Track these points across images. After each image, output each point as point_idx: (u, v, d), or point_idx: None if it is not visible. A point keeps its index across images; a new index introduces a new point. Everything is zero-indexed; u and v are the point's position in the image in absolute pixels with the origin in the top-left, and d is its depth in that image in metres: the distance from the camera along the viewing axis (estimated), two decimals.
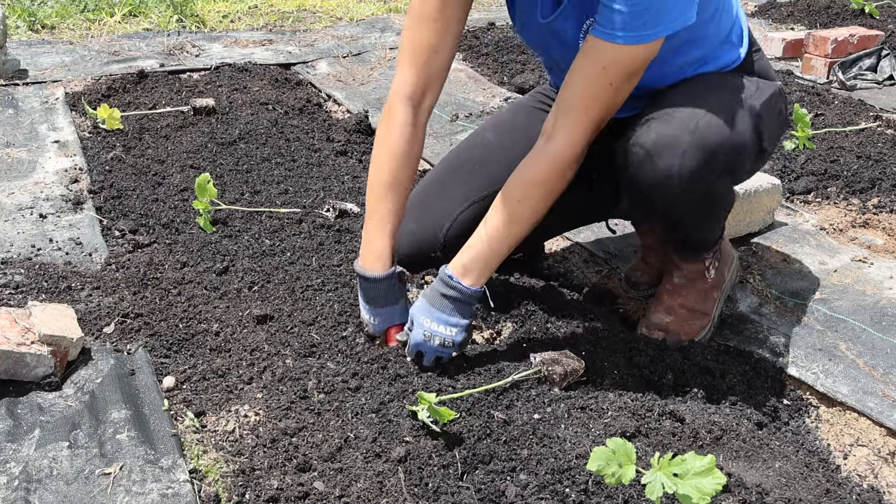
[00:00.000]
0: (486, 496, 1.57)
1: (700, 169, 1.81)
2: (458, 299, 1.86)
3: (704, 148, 1.80)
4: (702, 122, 1.81)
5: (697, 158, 1.80)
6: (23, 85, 3.87)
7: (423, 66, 1.92)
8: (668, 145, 1.80)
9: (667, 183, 1.82)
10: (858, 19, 4.98)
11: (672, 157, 1.80)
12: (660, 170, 1.81)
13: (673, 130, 1.81)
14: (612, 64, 1.74)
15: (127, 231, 2.57)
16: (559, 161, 1.83)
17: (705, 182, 1.84)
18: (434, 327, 1.85)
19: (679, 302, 2.13)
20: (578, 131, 1.81)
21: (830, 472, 1.78)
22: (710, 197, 1.92)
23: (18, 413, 1.76)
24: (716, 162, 1.82)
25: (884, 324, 2.16)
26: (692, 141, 1.80)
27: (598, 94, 1.78)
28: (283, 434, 1.72)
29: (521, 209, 1.85)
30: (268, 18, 5.36)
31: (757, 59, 2.11)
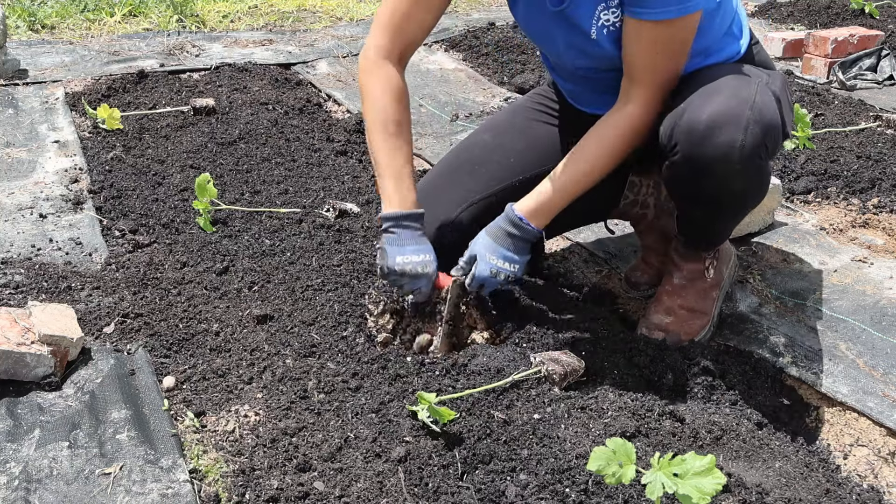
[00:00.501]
0: (486, 496, 1.57)
1: (759, 145, 1.82)
2: (523, 238, 1.96)
3: (763, 123, 1.81)
4: (758, 98, 1.83)
5: (756, 134, 1.81)
6: (23, 85, 3.87)
7: (408, 32, 2.01)
8: (731, 118, 1.80)
9: (728, 157, 1.81)
10: (858, 19, 4.98)
11: (735, 131, 1.80)
12: (722, 143, 1.80)
13: (734, 104, 1.81)
14: (665, 39, 1.84)
15: (127, 231, 2.57)
16: (636, 122, 1.93)
17: (760, 159, 1.85)
18: (500, 264, 1.95)
19: (679, 303, 2.13)
20: (652, 97, 1.92)
21: (830, 472, 1.78)
22: (759, 177, 1.93)
23: (18, 413, 1.76)
24: (770, 139, 1.84)
25: (884, 324, 2.16)
26: (752, 116, 1.81)
27: (656, 66, 1.89)
28: (283, 434, 1.72)
29: (595, 164, 1.95)
30: (268, 18, 5.36)
31: (757, 52, 2.13)
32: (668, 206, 2.27)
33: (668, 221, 2.28)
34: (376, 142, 1.98)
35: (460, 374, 1.89)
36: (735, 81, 1.87)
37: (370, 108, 2.00)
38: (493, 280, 1.96)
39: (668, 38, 1.85)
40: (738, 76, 1.90)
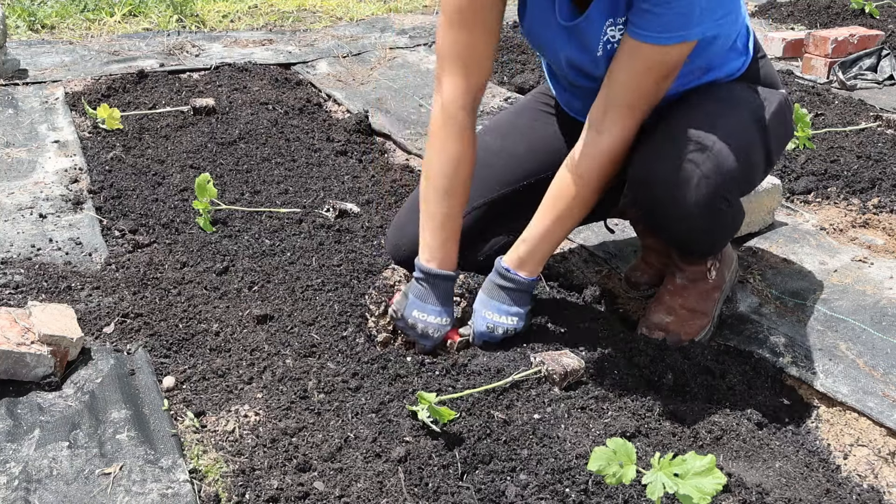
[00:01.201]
0: (486, 496, 1.56)
1: (716, 195, 1.84)
2: (516, 290, 1.95)
3: (719, 174, 1.82)
4: (715, 147, 1.82)
5: (712, 186, 1.82)
6: (23, 85, 3.87)
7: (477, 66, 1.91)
8: (682, 177, 1.82)
9: (680, 213, 1.85)
10: (858, 19, 4.98)
11: (686, 189, 1.82)
12: (677, 201, 1.84)
13: (685, 158, 1.82)
14: (657, 64, 1.80)
15: (127, 231, 2.57)
16: (612, 154, 1.88)
17: (716, 209, 1.87)
18: (496, 318, 1.95)
19: (680, 303, 2.13)
20: (627, 125, 1.87)
21: (830, 472, 1.78)
22: (727, 218, 1.95)
23: (18, 413, 1.76)
24: (731, 185, 1.86)
25: (884, 324, 2.16)
26: (703, 171, 1.81)
27: (644, 91, 1.84)
28: (283, 434, 1.72)
29: (574, 202, 1.92)
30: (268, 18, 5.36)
31: (762, 66, 2.11)
32: None
33: None
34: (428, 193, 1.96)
35: (460, 374, 1.89)
36: (698, 126, 1.85)
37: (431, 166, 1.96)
38: (491, 335, 1.96)
39: (662, 64, 1.80)
40: (707, 116, 1.88)
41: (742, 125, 1.90)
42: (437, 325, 1.95)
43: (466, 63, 1.90)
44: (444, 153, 1.95)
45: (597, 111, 1.89)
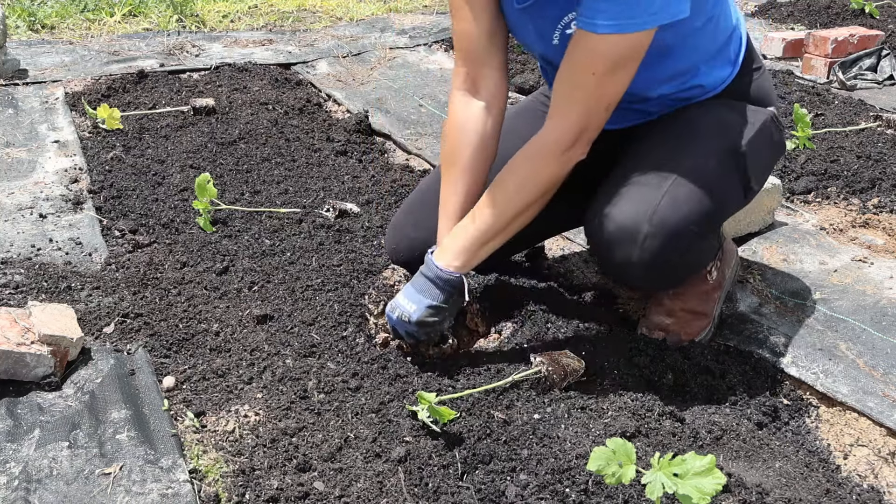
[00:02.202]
0: (486, 496, 1.57)
1: (659, 255, 1.80)
2: (430, 279, 1.86)
3: (665, 233, 1.78)
4: (663, 202, 1.78)
5: (654, 246, 1.78)
6: (23, 85, 3.87)
7: (465, 55, 1.94)
8: (627, 235, 1.79)
9: (629, 270, 1.83)
10: (858, 19, 4.98)
11: (631, 248, 1.79)
12: (621, 258, 1.82)
13: (631, 219, 1.78)
14: (594, 54, 1.72)
15: (127, 231, 2.57)
16: (548, 149, 1.81)
17: (666, 264, 1.84)
18: (400, 300, 1.88)
19: (679, 305, 2.12)
20: (566, 121, 1.79)
21: (830, 472, 1.78)
22: (674, 272, 1.93)
23: (18, 413, 1.76)
24: (679, 242, 1.81)
25: (884, 324, 2.16)
26: (650, 230, 1.78)
27: (581, 84, 1.75)
28: (283, 434, 1.72)
29: (508, 197, 1.83)
30: (268, 18, 5.36)
31: (755, 79, 2.06)
32: None
33: None
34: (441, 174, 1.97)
35: (460, 374, 1.89)
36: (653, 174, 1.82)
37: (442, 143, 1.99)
38: (389, 315, 1.90)
39: (600, 54, 1.71)
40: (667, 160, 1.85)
41: (706, 161, 1.86)
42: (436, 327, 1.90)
43: (460, 47, 1.95)
44: (445, 139, 1.97)
45: (552, 101, 1.84)
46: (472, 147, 1.94)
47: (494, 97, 1.96)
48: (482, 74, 1.94)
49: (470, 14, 1.90)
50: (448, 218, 1.94)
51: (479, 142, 1.94)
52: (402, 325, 1.88)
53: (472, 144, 1.94)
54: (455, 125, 1.96)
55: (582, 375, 1.88)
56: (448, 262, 1.86)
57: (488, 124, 1.95)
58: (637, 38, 1.70)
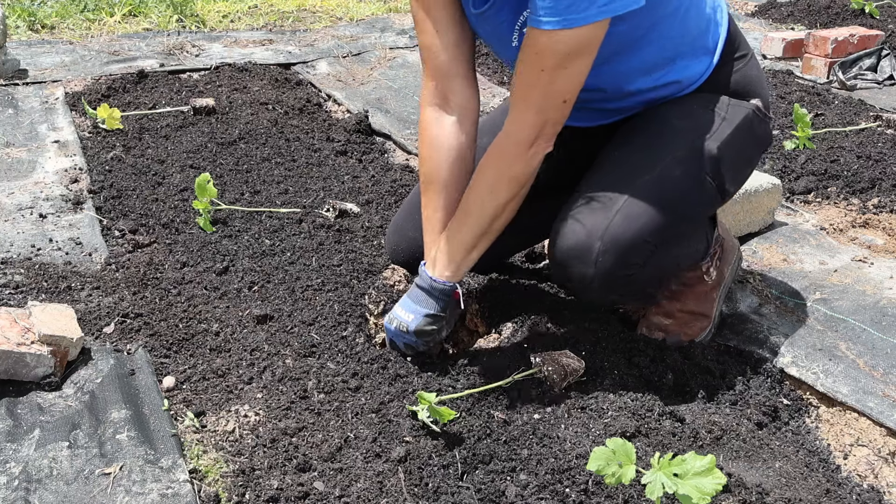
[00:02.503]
0: (486, 496, 1.57)
1: (614, 271, 1.80)
2: (424, 289, 1.88)
3: (616, 249, 1.79)
4: (615, 221, 1.79)
5: (607, 263, 1.79)
6: (23, 85, 3.86)
7: (432, 66, 1.92)
8: (579, 254, 1.80)
9: (585, 287, 1.84)
10: (858, 19, 4.98)
11: (584, 267, 1.80)
12: (575, 276, 1.83)
13: (583, 238, 1.79)
14: (544, 50, 1.68)
15: (127, 231, 2.57)
16: (511, 149, 1.79)
17: (623, 279, 1.84)
18: (397, 311, 1.90)
19: (678, 307, 2.12)
20: (522, 119, 1.77)
21: (830, 472, 1.78)
22: (634, 287, 1.92)
23: (18, 413, 1.76)
24: (635, 255, 1.81)
25: (884, 324, 2.16)
26: (602, 247, 1.78)
27: (534, 81, 1.72)
28: (283, 434, 1.72)
29: (482, 201, 1.84)
30: (268, 18, 5.36)
31: (738, 69, 2.00)
32: None
33: None
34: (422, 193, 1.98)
35: (460, 374, 1.89)
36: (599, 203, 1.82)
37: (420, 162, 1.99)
38: (387, 327, 1.91)
39: (549, 50, 1.67)
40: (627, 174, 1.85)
41: (671, 170, 1.85)
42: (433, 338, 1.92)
43: (426, 61, 1.93)
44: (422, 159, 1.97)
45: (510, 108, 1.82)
46: (449, 163, 1.93)
47: (465, 109, 1.94)
48: (451, 87, 1.92)
49: (433, 27, 1.88)
50: (433, 234, 1.94)
51: (457, 157, 1.93)
52: (400, 335, 1.89)
53: (449, 160, 1.93)
54: (430, 143, 1.94)
55: (582, 375, 1.88)
56: (440, 273, 1.87)
57: (462, 138, 1.94)
58: (586, 32, 1.65)
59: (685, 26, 1.90)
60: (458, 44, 1.91)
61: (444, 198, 1.93)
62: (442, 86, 1.92)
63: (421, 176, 1.97)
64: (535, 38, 1.69)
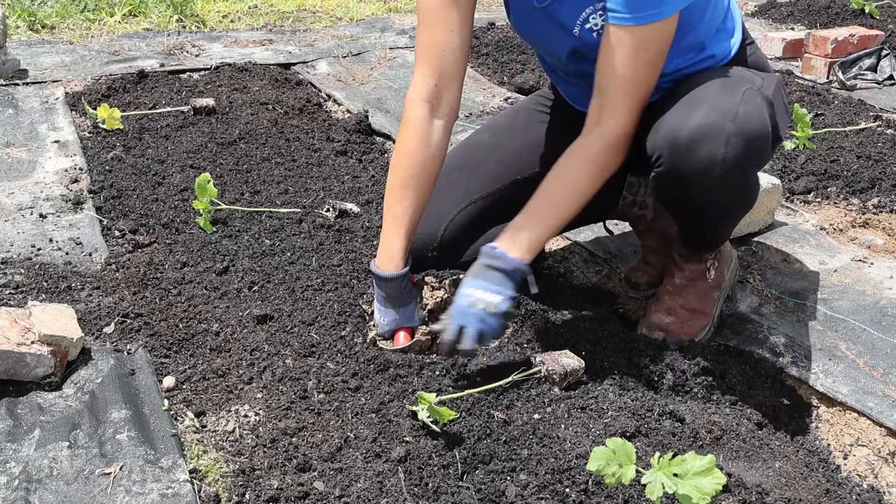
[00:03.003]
0: (486, 496, 1.57)
1: (740, 157, 1.81)
2: (501, 269, 1.84)
3: (745, 135, 1.80)
4: (740, 109, 1.81)
5: (738, 146, 1.80)
6: (23, 85, 3.86)
7: (437, 63, 1.94)
8: (712, 132, 1.80)
9: (709, 170, 1.81)
10: (858, 19, 4.98)
11: (716, 145, 1.79)
12: (703, 157, 1.80)
13: (715, 117, 1.80)
14: (640, 47, 1.80)
15: (127, 231, 2.57)
16: (611, 140, 1.87)
17: (743, 170, 1.85)
18: (478, 294, 1.82)
19: (680, 303, 2.13)
20: (626, 113, 1.86)
21: (830, 472, 1.78)
22: (744, 187, 1.92)
23: (18, 413, 1.76)
24: (753, 150, 1.83)
25: (884, 324, 2.16)
26: (733, 128, 1.79)
27: (636, 76, 1.83)
28: (283, 434, 1.72)
29: (570, 192, 1.89)
30: (268, 18, 5.36)
31: (751, 53, 2.12)
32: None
33: (667, 222, 2.28)
34: (385, 198, 1.98)
35: (460, 375, 1.89)
36: (719, 91, 1.86)
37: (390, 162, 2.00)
38: (472, 312, 1.81)
39: (650, 45, 1.80)
40: (724, 84, 1.89)
41: (753, 95, 1.89)
42: (379, 323, 1.99)
43: (430, 57, 1.95)
44: (400, 146, 1.97)
45: (594, 106, 1.89)
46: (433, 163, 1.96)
47: (453, 112, 1.99)
48: (449, 89, 1.96)
49: (450, 23, 1.91)
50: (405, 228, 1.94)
51: (439, 158, 1.98)
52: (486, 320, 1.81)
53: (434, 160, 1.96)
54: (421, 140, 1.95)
55: (582, 375, 1.88)
56: (522, 255, 1.86)
57: (445, 139, 1.99)
58: (674, 20, 1.80)
59: (714, 12, 2.00)
60: (467, 44, 1.96)
61: (420, 197, 1.96)
62: (441, 86, 1.95)
63: (402, 171, 1.95)
64: (629, 36, 1.79)
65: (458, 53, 1.94)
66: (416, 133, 1.95)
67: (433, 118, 1.96)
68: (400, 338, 1.97)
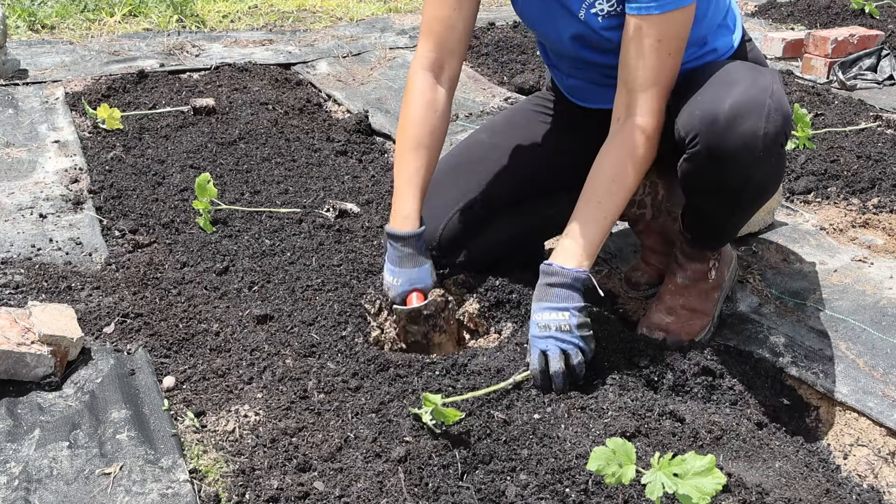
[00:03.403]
0: (486, 496, 1.57)
1: (780, 132, 1.80)
2: (562, 284, 1.84)
3: (783, 111, 1.80)
4: (775, 87, 1.82)
5: (778, 121, 1.79)
6: (23, 85, 3.86)
7: (439, 39, 2.01)
8: (754, 107, 1.78)
9: (752, 146, 1.78)
10: (858, 19, 4.98)
11: (758, 119, 1.78)
12: (746, 131, 1.78)
13: (754, 93, 1.80)
14: (664, 35, 1.81)
15: (127, 231, 2.57)
16: (646, 132, 1.87)
17: (781, 147, 1.84)
18: (546, 316, 1.82)
19: (681, 302, 2.13)
20: (656, 104, 1.87)
21: (830, 472, 1.78)
22: (780, 165, 1.90)
23: (18, 413, 1.76)
24: (788, 127, 1.83)
25: (884, 324, 2.16)
26: (773, 104, 1.79)
27: (662, 65, 1.84)
28: (283, 434, 1.72)
29: (615, 189, 1.88)
30: (268, 18, 5.36)
31: (750, 49, 2.13)
32: (666, 207, 2.27)
33: (666, 221, 2.28)
34: (395, 163, 2.03)
35: (460, 375, 1.89)
36: (750, 71, 1.86)
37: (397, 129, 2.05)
38: (546, 337, 1.81)
39: (673, 33, 1.82)
40: (750, 66, 1.90)
41: (776, 77, 1.89)
42: (390, 285, 2.00)
43: (432, 32, 2.02)
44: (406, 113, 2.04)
45: (620, 103, 1.90)
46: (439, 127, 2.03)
47: (452, 82, 2.07)
48: (449, 63, 2.04)
49: (446, 3, 1.98)
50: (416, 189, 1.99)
51: (444, 123, 2.05)
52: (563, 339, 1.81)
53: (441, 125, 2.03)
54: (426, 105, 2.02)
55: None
56: (579, 263, 1.86)
57: (448, 105, 2.06)
58: (692, 8, 1.82)
59: (717, 7, 2.01)
60: (470, 21, 2.02)
61: (430, 158, 2.01)
62: (441, 59, 2.03)
63: (410, 135, 2.01)
64: (651, 26, 1.80)
65: (460, 31, 2.01)
66: (421, 99, 2.02)
67: (437, 85, 2.03)
68: (413, 299, 1.98)
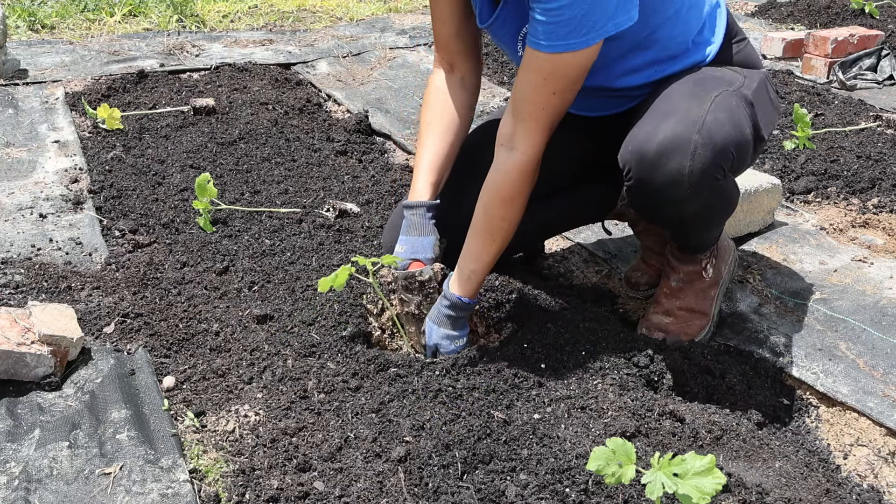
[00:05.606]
0: (486, 496, 1.56)
1: (709, 168, 1.80)
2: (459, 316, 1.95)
3: (713, 147, 1.79)
4: (708, 118, 1.80)
5: (705, 157, 1.79)
6: (23, 85, 3.87)
7: (439, 38, 2.12)
8: (678, 145, 1.79)
9: (677, 183, 1.80)
10: (858, 19, 4.98)
11: (682, 158, 1.78)
12: (671, 170, 1.79)
13: (680, 130, 1.79)
14: (551, 74, 1.76)
15: (127, 231, 2.57)
16: (525, 169, 1.86)
17: (714, 181, 1.83)
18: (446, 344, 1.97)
19: (678, 304, 2.12)
20: (535, 138, 1.84)
21: (830, 472, 1.78)
22: (718, 196, 1.90)
23: (18, 413, 1.76)
24: (724, 160, 1.82)
25: (884, 324, 2.16)
26: (700, 140, 1.78)
27: (544, 103, 1.80)
28: (283, 434, 1.72)
29: (499, 223, 1.90)
30: (268, 18, 5.36)
31: (738, 51, 2.10)
32: None
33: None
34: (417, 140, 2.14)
35: (460, 375, 1.89)
36: (688, 100, 1.84)
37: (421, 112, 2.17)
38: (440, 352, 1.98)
39: (560, 73, 1.76)
40: (694, 92, 1.88)
41: (726, 99, 1.88)
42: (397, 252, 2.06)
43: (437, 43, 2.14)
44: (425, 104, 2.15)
45: (505, 127, 1.87)
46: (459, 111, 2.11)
47: (469, 73, 2.14)
48: (457, 60, 2.13)
49: (443, 16, 2.07)
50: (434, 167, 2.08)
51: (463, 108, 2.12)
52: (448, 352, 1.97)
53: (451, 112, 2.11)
54: (437, 91, 2.14)
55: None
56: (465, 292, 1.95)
57: (464, 95, 2.13)
58: (591, 51, 1.75)
59: (687, 25, 1.97)
60: (460, 31, 2.08)
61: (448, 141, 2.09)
62: (449, 58, 2.13)
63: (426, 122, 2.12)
64: (540, 62, 1.76)
65: (456, 38, 2.08)
66: (436, 89, 2.14)
67: (452, 80, 2.13)
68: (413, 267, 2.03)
